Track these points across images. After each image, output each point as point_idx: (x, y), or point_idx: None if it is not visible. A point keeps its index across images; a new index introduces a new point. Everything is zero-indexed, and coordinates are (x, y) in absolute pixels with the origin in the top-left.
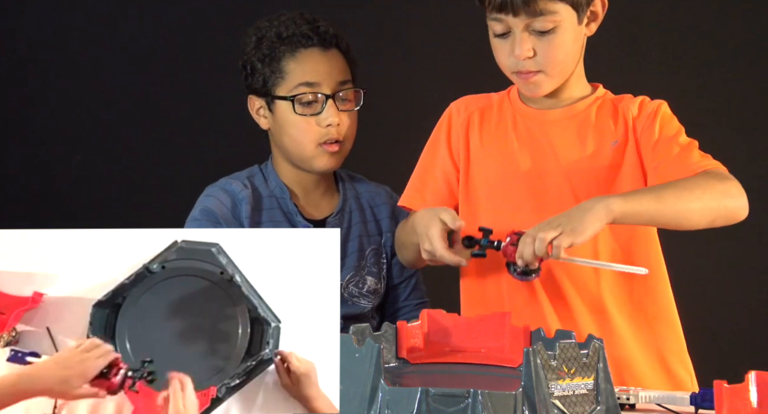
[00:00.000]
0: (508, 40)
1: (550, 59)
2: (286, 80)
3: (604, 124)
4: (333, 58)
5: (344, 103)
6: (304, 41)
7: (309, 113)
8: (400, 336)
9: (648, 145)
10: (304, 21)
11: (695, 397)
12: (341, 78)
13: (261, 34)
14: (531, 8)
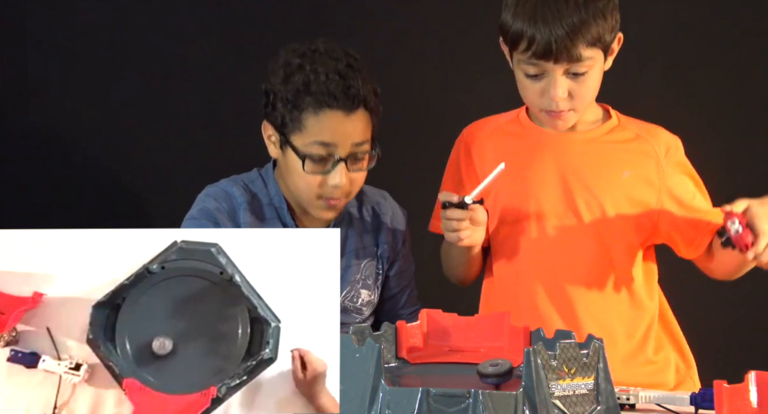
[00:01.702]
0: (540, 82)
1: (582, 98)
2: (302, 133)
3: (626, 153)
4: (356, 120)
5: (357, 163)
6: (330, 101)
7: (318, 171)
8: (400, 336)
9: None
10: (337, 76)
11: (695, 397)
12: (359, 139)
13: (290, 71)
14: (572, 55)
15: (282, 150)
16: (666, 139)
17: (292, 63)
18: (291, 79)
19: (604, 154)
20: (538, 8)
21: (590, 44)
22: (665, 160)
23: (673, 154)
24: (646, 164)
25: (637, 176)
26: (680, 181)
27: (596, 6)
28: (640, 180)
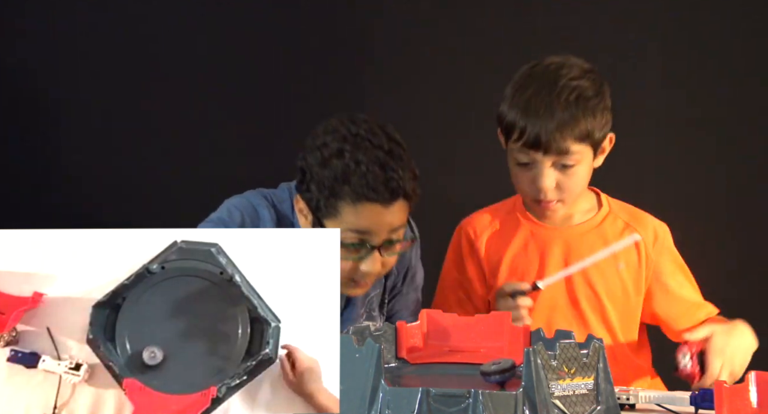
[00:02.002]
0: (531, 171)
1: (569, 191)
2: (337, 219)
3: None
4: (394, 211)
5: (390, 249)
6: (368, 194)
7: (350, 257)
8: (400, 336)
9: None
10: (377, 167)
11: (695, 397)
12: (395, 226)
13: (328, 154)
14: (561, 149)
15: (313, 226)
16: (654, 227)
17: (330, 146)
18: (329, 164)
19: (600, 249)
20: (531, 101)
21: (579, 139)
22: (653, 249)
23: (661, 242)
24: (636, 254)
25: (630, 267)
26: (668, 270)
27: (587, 104)
28: (632, 271)
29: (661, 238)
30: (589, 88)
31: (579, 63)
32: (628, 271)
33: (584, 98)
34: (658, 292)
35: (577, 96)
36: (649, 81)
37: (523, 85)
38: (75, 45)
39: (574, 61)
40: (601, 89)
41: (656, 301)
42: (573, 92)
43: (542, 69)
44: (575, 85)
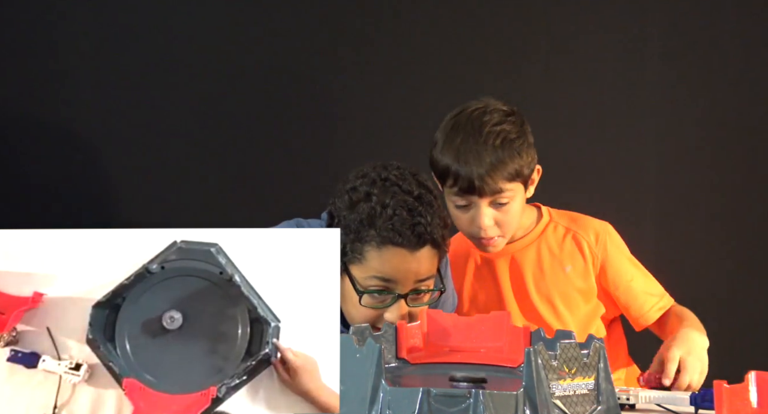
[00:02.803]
0: (469, 212)
1: (507, 225)
2: (363, 265)
3: (561, 249)
4: (420, 258)
5: (417, 299)
6: (395, 239)
7: (376, 305)
8: (400, 336)
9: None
10: (405, 211)
11: (695, 397)
12: (422, 277)
13: (356, 198)
14: (494, 189)
15: (340, 275)
16: (594, 227)
17: (359, 190)
18: (356, 208)
19: (545, 256)
20: (461, 150)
21: (509, 179)
22: (597, 248)
23: (603, 241)
24: (581, 256)
25: (577, 269)
26: (615, 266)
27: (512, 147)
28: (579, 271)
29: (602, 237)
30: (511, 131)
31: (499, 107)
32: (575, 272)
33: (509, 141)
34: (611, 288)
35: (502, 140)
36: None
37: (450, 135)
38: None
39: (495, 106)
40: (523, 129)
41: (613, 295)
42: (498, 137)
43: (466, 117)
44: (499, 129)
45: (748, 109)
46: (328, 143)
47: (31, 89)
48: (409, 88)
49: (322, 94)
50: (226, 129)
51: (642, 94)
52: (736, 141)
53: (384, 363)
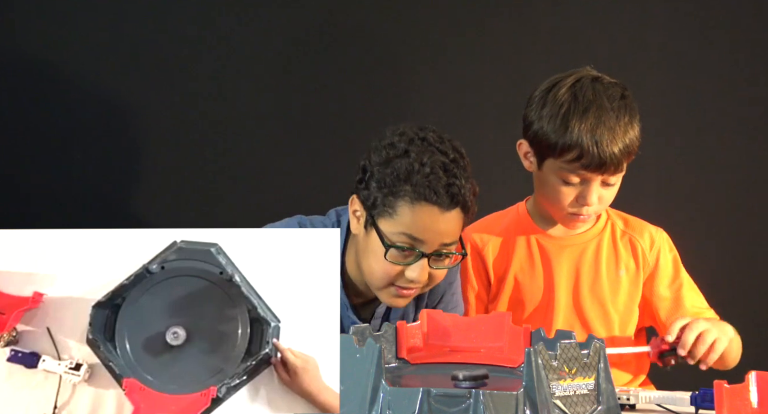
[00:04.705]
0: (575, 187)
1: (606, 204)
2: (393, 220)
3: (617, 251)
4: (450, 219)
5: (439, 261)
6: (429, 195)
7: (399, 262)
8: (400, 336)
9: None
10: (442, 171)
11: (695, 397)
12: (448, 240)
13: (394, 154)
14: (618, 168)
15: (365, 229)
16: (650, 233)
17: (397, 147)
18: (393, 163)
19: (602, 255)
20: (593, 125)
21: (630, 157)
22: (650, 254)
23: (657, 247)
24: (634, 260)
25: (629, 273)
26: (665, 273)
27: (635, 121)
28: (631, 276)
29: (657, 243)
30: (633, 106)
31: (610, 79)
32: (627, 276)
33: (633, 116)
34: (655, 297)
35: (629, 117)
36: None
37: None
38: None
39: (607, 78)
40: (634, 103)
41: (656, 307)
42: (626, 114)
43: (589, 90)
44: (624, 104)
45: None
46: (328, 143)
47: (31, 89)
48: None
49: (322, 93)
50: (227, 129)
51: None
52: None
53: (384, 363)
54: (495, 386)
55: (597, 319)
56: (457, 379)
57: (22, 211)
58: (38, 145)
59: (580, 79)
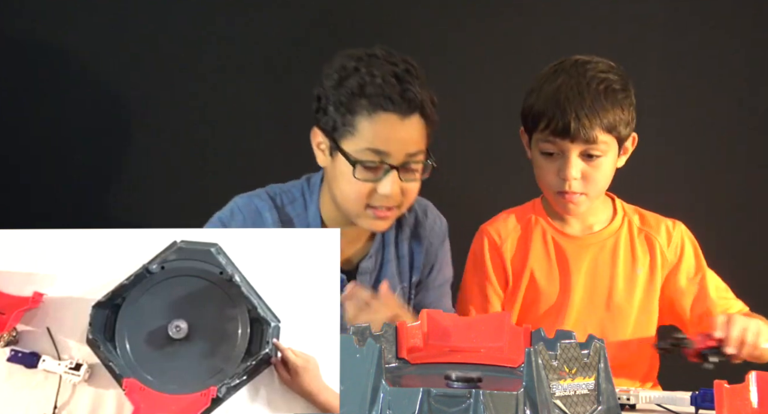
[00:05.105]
0: (556, 161)
1: (594, 182)
2: (355, 137)
3: (634, 250)
4: (411, 126)
5: (409, 174)
6: (385, 104)
7: (369, 179)
8: (400, 336)
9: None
10: (394, 79)
11: (695, 397)
12: (413, 149)
13: (345, 74)
14: (589, 137)
15: (332, 157)
16: (667, 228)
17: (347, 66)
18: (345, 82)
19: (620, 254)
20: (561, 89)
21: (606, 130)
22: (668, 251)
23: (675, 243)
24: (650, 258)
25: (645, 271)
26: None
27: (615, 97)
28: (648, 274)
29: (675, 239)
30: (616, 81)
31: (605, 60)
32: (644, 275)
33: (612, 90)
34: (680, 294)
35: (605, 87)
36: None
37: (551, 78)
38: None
39: (600, 59)
40: (628, 85)
41: (680, 302)
42: (602, 83)
43: (570, 63)
44: (603, 77)
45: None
46: None
47: (31, 89)
48: None
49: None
50: (227, 129)
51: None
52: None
53: (384, 363)
54: (495, 386)
55: (612, 319)
56: (449, 378)
57: (22, 211)
58: (38, 145)
59: (569, 59)
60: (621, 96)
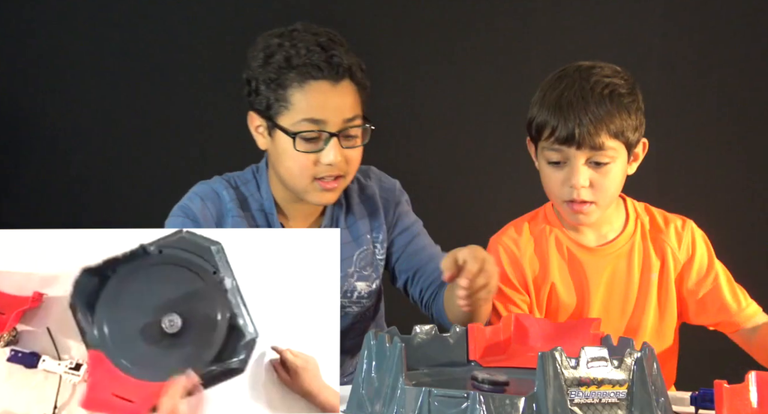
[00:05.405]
0: (563, 170)
1: (603, 190)
2: (290, 111)
3: (647, 256)
4: (343, 92)
5: (349, 140)
6: (314, 73)
7: (310, 150)
8: (471, 338)
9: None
10: (318, 48)
11: (695, 397)
12: (349, 114)
13: (270, 51)
14: (595, 143)
15: (271, 137)
16: (676, 229)
17: (271, 44)
18: (271, 59)
19: (635, 261)
20: (564, 95)
21: (613, 136)
22: (679, 253)
23: (686, 244)
24: (662, 262)
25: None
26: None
27: (621, 101)
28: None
29: (685, 240)
30: (622, 85)
31: (609, 65)
32: (658, 279)
33: (618, 95)
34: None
35: (610, 91)
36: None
37: (554, 85)
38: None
39: (605, 63)
40: (634, 90)
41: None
42: (606, 87)
43: (573, 69)
44: (608, 81)
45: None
46: None
47: (31, 89)
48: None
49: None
50: (228, 128)
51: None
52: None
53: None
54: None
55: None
56: (476, 380)
57: (24, 211)
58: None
59: (572, 65)
60: (627, 100)
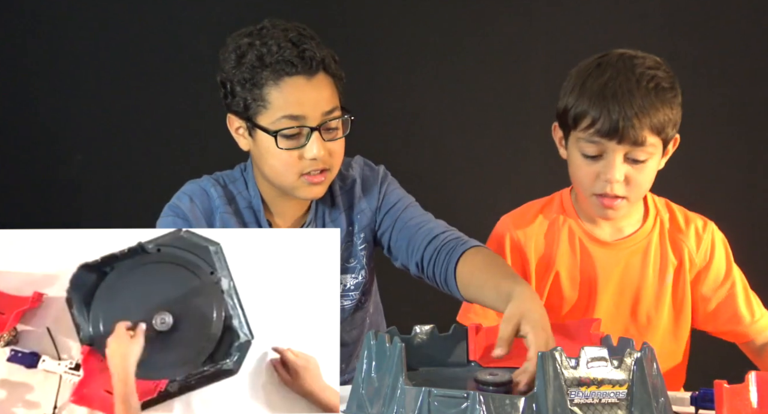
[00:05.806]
0: (597, 163)
1: (637, 187)
2: (268, 109)
3: (664, 254)
4: (319, 85)
5: (330, 133)
6: (288, 69)
7: (293, 146)
8: (471, 338)
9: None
10: (289, 44)
11: (695, 397)
12: (328, 107)
13: (241, 52)
14: (637, 138)
15: (252, 137)
16: (696, 230)
17: (241, 44)
18: (244, 59)
19: (650, 260)
20: (608, 85)
21: (655, 131)
22: (697, 256)
23: (705, 248)
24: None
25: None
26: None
27: (665, 95)
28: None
29: (704, 243)
30: (665, 79)
31: (650, 55)
32: (673, 281)
33: (662, 89)
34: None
35: (655, 85)
36: None
37: (594, 72)
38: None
39: (645, 53)
40: (675, 84)
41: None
42: (652, 80)
43: (615, 57)
44: (652, 73)
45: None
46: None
47: (31, 89)
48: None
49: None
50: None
51: None
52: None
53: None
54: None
55: (639, 328)
56: (479, 381)
57: (23, 211)
58: (38, 145)
59: (612, 51)
60: (670, 95)
